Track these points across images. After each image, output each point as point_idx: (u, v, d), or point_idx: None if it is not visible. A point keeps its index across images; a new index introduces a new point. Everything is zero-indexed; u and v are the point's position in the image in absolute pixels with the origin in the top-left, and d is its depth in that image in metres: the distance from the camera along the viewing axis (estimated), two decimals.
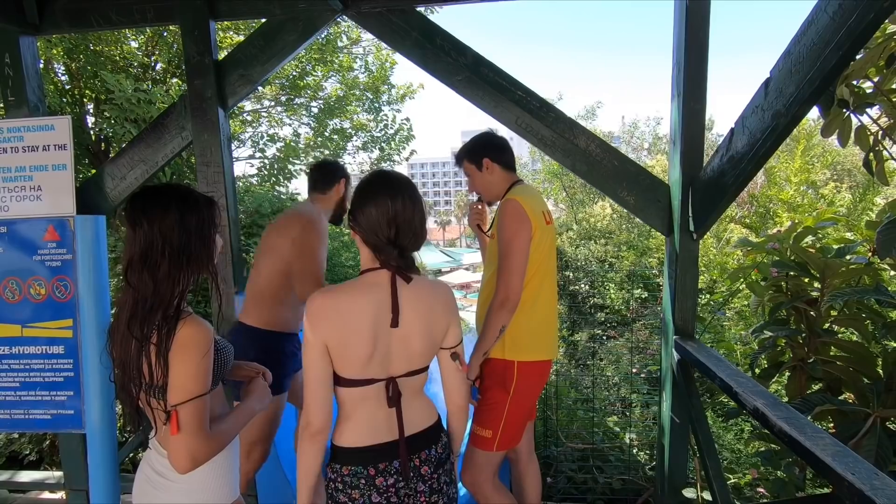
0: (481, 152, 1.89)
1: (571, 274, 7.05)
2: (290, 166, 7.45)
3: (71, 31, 2.63)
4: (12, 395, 2.32)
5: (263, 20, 2.38)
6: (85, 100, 5.67)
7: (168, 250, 1.15)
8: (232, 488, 1.31)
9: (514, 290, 1.68)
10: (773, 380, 2.20)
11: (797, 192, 5.49)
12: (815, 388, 2.06)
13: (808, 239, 2.10)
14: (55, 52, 5.06)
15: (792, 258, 2.05)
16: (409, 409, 1.25)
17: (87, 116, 5.73)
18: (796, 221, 2.17)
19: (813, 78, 1.33)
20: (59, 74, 5.58)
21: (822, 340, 1.98)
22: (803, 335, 2.03)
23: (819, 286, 1.99)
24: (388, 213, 1.17)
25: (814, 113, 1.92)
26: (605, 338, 5.81)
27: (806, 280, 2.06)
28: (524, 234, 1.70)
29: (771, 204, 5.62)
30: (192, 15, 2.22)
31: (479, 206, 2.04)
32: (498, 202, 1.90)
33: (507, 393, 1.78)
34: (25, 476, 2.83)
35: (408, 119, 8.72)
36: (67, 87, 5.60)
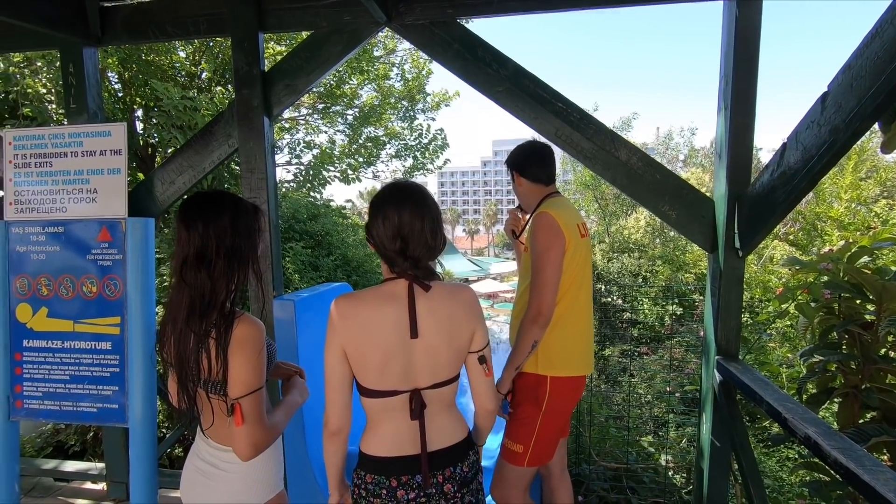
0: (511, 164, 1.91)
1: (604, 287, 6.91)
2: (324, 172, 7.62)
3: (130, 42, 2.77)
4: (62, 387, 2.43)
5: (309, 32, 2.45)
6: (135, 106, 5.95)
7: (223, 251, 1.23)
8: (278, 480, 1.37)
9: (547, 304, 1.65)
10: (823, 407, 2.09)
11: (848, 209, 5.24)
12: (869, 417, 1.95)
13: (864, 259, 2.00)
14: (110, 61, 5.34)
15: (846, 279, 1.95)
16: (435, 424, 1.23)
17: (137, 122, 6.02)
18: (850, 241, 2.07)
19: (877, 92, 1.27)
20: (113, 83, 5.88)
21: (878, 367, 1.88)
22: (857, 361, 1.93)
23: (875, 310, 1.89)
24: (392, 226, 1.17)
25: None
26: (638, 354, 5.66)
27: (860, 303, 1.96)
28: (557, 248, 1.67)
29: (818, 221, 5.38)
30: (243, 27, 2.30)
31: (519, 213, 2.04)
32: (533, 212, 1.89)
33: (540, 408, 1.75)
34: (70, 466, 2.95)
35: (442, 129, 8.79)
36: (120, 94, 5.90)
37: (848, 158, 6.01)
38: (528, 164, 1.87)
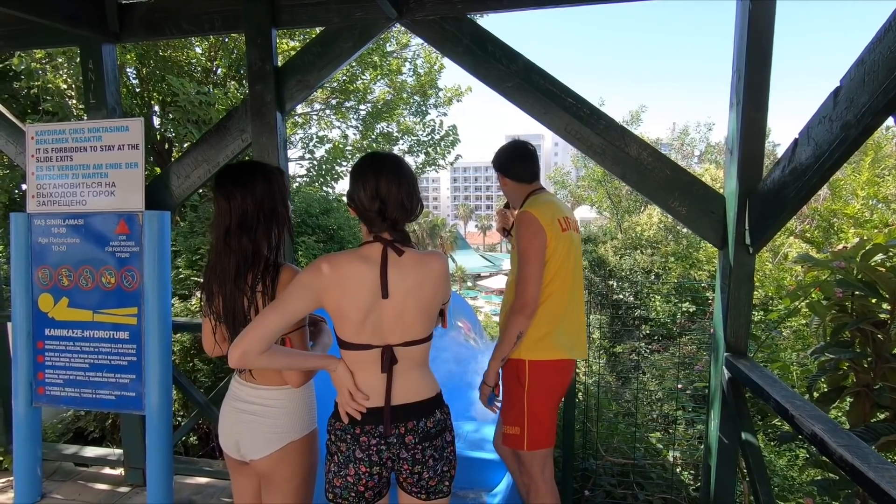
0: (495, 166, 1.99)
1: (615, 284, 6.88)
2: (337, 168, 7.68)
3: (147, 38, 2.83)
4: (82, 375, 2.51)
5: (321, 28, 2.47)
6: (152, 102, 6.06)
7: (262, 215, 1.36)
8: (314, 418, 1.52)
9: (531, 296, 1.75)
10: (834, 405, 2.07)
11: (865, 206, 5.13)
12: (881, 416, 1.93)
13: (878, 257, 1.97)
14: (128, 57, 5.43)
15: (859, 277, 1.93)
16: (403, 379, 1.32)
17: (154, 117, 6.12)
18: (865, 238, 2.05)
19: (889, 87, 1.25)
20: (131, 78, 5.99)
21: (891, 366, 1.85)
22: (869, 359, 1.91)
23: (889, 308, 1.87)
24: (372, 189, 1.28)
25: (887, 122, 1.81)
26: (648, 351, 5.63)
27: (874, 301, 1.93)
28: (538, 244, 1.76)
29: (835, 218, 5.28)
30: (257, 24, 2.34)
31: (507, 211, 2.12)
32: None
33: (523, 388, 1.82)
34: (90, 451, 3.04)
35: (454, 125, 8.78)
36: (138, 90, 6.00)
37: (865, 154, 5.89)
38: (510, 164, 1.95)
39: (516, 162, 1.94)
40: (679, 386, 3.65)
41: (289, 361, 1.31)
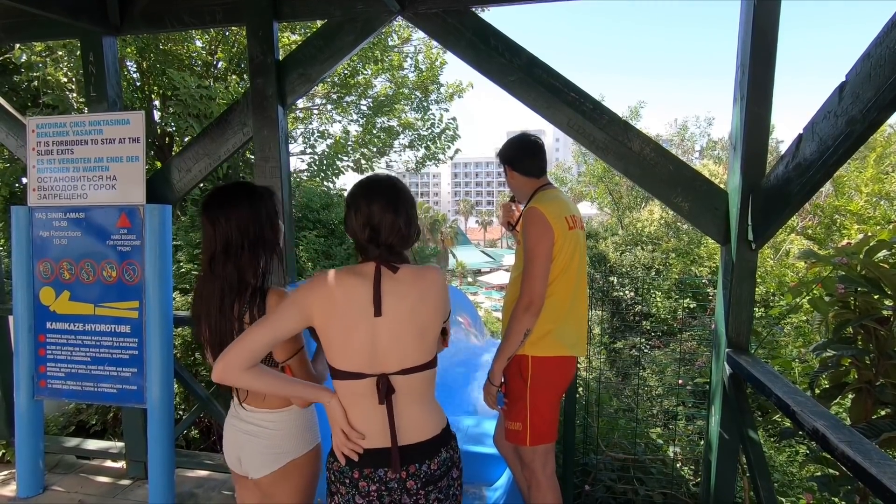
0: (503, 158, 1.98)
1: (616, 280, 6.87)
2: (338, 162, 7.65)
3: (148, 31, 2.81)
4: (84, 368, 2.51)
5: (322, 21, 2.46)
6: (153, 96, 6.03)
7: (247, 241, 1.32)
8: (314, 435, 1.48)
9: (538, 294, 1.74)
10: (835, 401, 2.07)
11: (868, 203, 5.11)
12: (882, 413, 1.93)
13: (882, 254, 1.96)
14: (129, 50, 5.41)
15: (862, 273, 1.92)
16: (404, 416, 1.21)
17: (154, 111, 6.10)
18: (869, 234, 2.04)
19: (895, 82, 1.25)
20: (132, 72, 5.96)
21: (893, 363, 1.85)
22: (871, 356, 1.91)
23: (892, 304, 1.86)
24: (363, 217, 1.22)
25: (892, 119, 1.80)
26: (649, 347, 5.64)
27: (877, 298, 1.93)
28: (546, 242, 1.75)
29: (837, 215, 5.26)
30: (258, 16, 2.32)
31: (513, 206, 2.10)
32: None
33: (526, 383, 1.82)
34: (91, 444, 3.05)
35: (454, 119, 8.75)
36: (138, 83, 5.97)
37: (871, 150, 5.86)
38: (519, 157, 1.93)
39: (525, 155, 1.92)
40: (680, 382, 3.66)
41: (276, 386, 1.20)
